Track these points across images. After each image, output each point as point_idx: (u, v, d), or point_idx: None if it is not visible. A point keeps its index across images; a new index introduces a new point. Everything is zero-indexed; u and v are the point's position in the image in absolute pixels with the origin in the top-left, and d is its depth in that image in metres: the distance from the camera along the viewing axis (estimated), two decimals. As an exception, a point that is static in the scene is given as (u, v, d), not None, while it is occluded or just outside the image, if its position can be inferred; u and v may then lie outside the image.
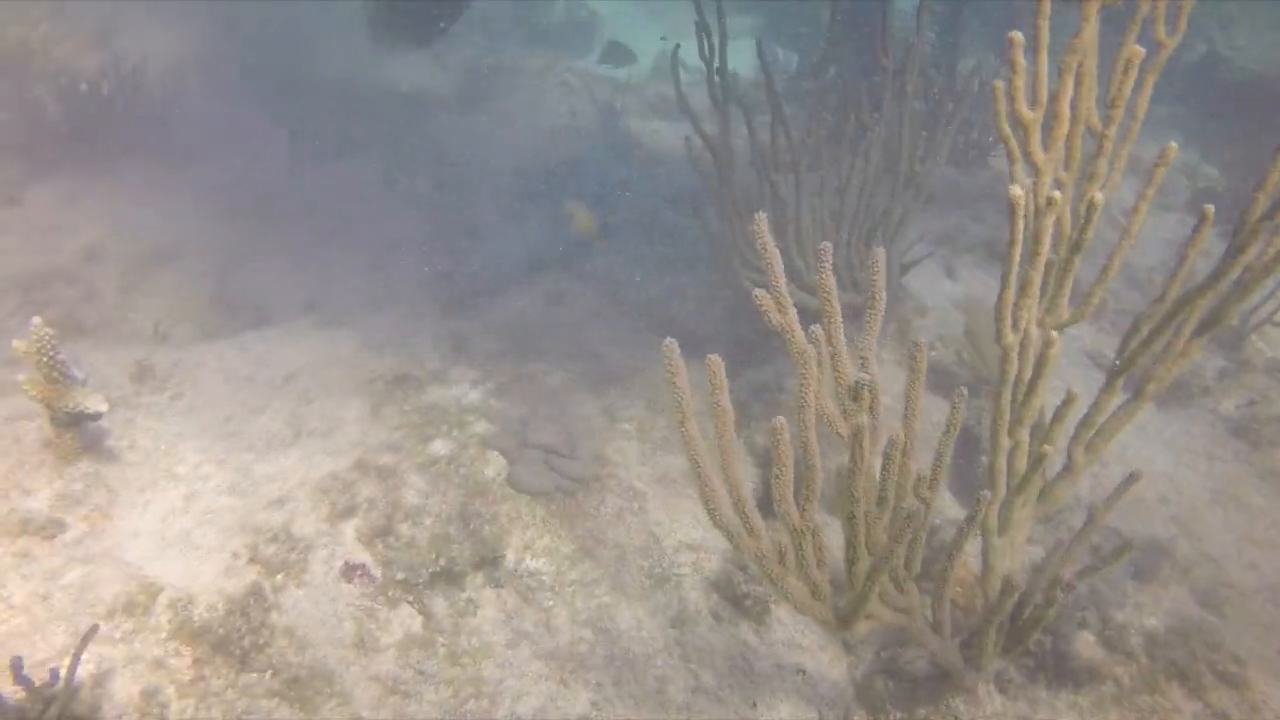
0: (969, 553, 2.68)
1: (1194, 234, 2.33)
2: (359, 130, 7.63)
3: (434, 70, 9.28)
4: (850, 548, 2.32)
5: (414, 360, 4.43)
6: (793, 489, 2.17)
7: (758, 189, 4.38)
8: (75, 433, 3.29)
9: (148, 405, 3.89)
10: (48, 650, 2.60)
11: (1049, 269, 2.44)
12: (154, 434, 3.65)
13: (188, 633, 2.77)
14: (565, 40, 11.93)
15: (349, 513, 3.33)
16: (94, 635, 2.50)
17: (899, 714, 2.79)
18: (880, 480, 2.25)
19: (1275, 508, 3.90)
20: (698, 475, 2.14)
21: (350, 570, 3.14)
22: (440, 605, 3.14)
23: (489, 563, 3.28)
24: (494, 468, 3.61)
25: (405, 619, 3.07)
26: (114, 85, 6.93)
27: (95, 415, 3.26)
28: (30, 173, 6.20)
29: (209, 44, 8.67)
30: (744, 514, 2.19)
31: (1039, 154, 2.36)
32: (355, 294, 5.47)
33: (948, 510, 3.62)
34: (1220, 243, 2.74)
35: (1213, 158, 7.50)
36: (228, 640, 2.78)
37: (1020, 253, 2.26)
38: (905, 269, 4.58)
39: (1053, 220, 2.26)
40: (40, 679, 2.36)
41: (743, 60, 5.63)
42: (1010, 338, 2.42)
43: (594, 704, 2.91)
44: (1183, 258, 2.41)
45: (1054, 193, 2.18)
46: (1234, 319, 2.52)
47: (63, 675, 2.37)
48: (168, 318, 5.24)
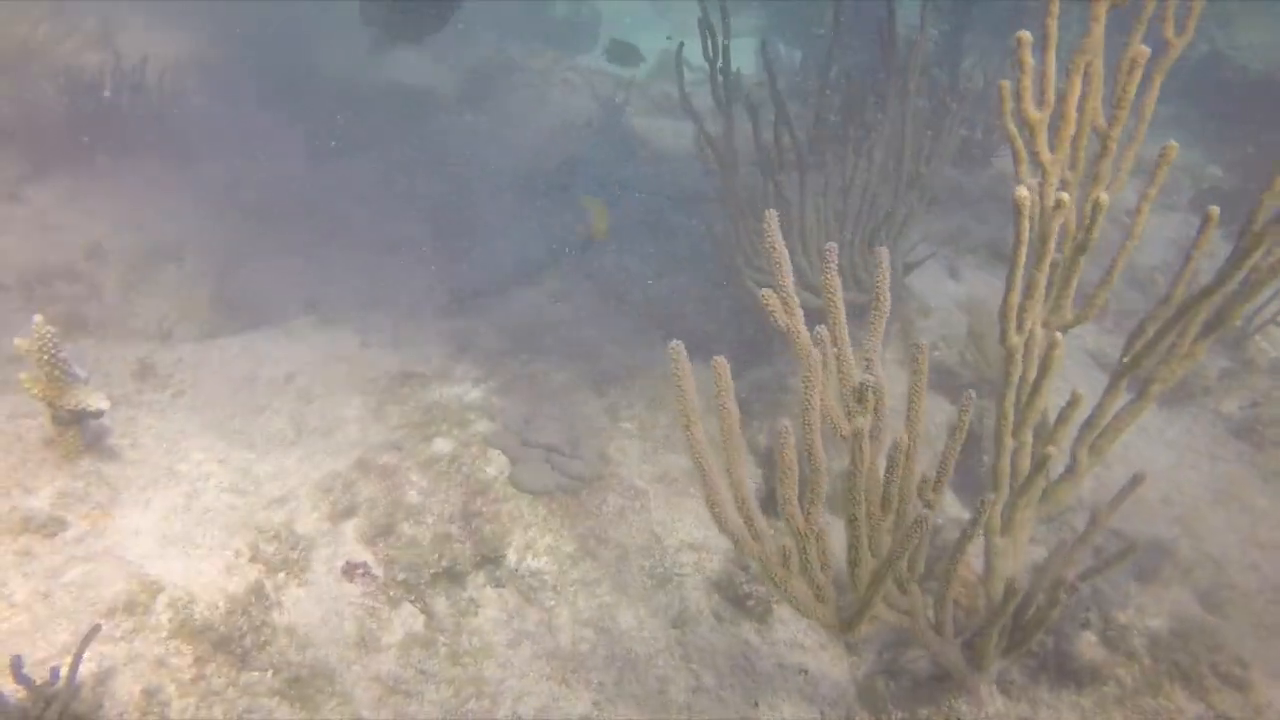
0: (971, 552, 2.68)
1: (1199, 235, 2.31)
2: (360, 130, 7.63)
3: (435, 69, 9.29)
4: (852, 549, 2.31)
5: (415, 359, 4.43)
6: (797, 492, 2.17)
7: (761, 188, 4.38)
8: (77, 431, 3.29)
9: (149, 403, 3.88)
10: (49, 649, 2.59)
11: (1053, 270, 2.43)
12: (156, 432, 3.64)
13: (189, 631, 2.76)
14: (568, 38, 11.93)
15: (350, 511, 3.32)
16: (96, 635, 2.49)
17: (901, 714, 2.78)
18: (884, 483, 2.24)
19: (1278, 509, 3.89)
20: (703, 480, 2.13)
21: (352, 569, 3.14)
22: (441, 604, 3.13)
23: (490, 562, 3.28)
24: (496, 466, 3.60)
25: (406, 618, 3.06)
26: (114, 85, 6.93)
27: (97, 413, 3.25)
28: (31, 171, 6.20)
29: (209, 44, 8.68)
30: (748, 518, 2.18)
31: (1045, 154, 2.35)
32: (356, 293, 5.47)
33: (949, 509, 3.61)
34: (1223, 243, 2.73)
35: (1216, 157, 7.48)
36: (229, 639, 2.78)
37: (1025, 254, 2.25)
38: (909, 269, 4.57)
39: (1060, 222, 2.25)
40: (41, 678, 2.35)
41: (747, 58, 5.62)
42: (1015, 339, 2.41)
43: (595, 704, 2.90)
44: (1188, 259, 2.40)
45: (1062, 194, 2.17)
46: (1239, 320, 2.51)
47: (63, 674, 2.37)
48: (169, 316, 5.24)
